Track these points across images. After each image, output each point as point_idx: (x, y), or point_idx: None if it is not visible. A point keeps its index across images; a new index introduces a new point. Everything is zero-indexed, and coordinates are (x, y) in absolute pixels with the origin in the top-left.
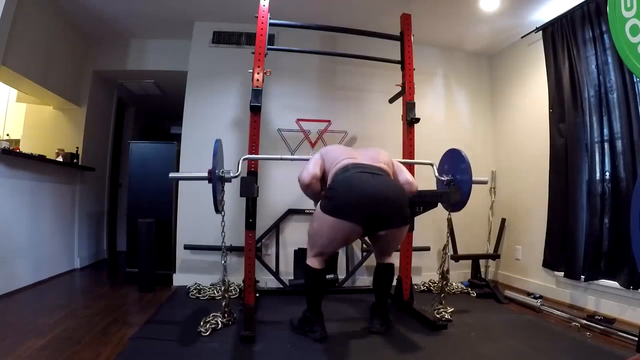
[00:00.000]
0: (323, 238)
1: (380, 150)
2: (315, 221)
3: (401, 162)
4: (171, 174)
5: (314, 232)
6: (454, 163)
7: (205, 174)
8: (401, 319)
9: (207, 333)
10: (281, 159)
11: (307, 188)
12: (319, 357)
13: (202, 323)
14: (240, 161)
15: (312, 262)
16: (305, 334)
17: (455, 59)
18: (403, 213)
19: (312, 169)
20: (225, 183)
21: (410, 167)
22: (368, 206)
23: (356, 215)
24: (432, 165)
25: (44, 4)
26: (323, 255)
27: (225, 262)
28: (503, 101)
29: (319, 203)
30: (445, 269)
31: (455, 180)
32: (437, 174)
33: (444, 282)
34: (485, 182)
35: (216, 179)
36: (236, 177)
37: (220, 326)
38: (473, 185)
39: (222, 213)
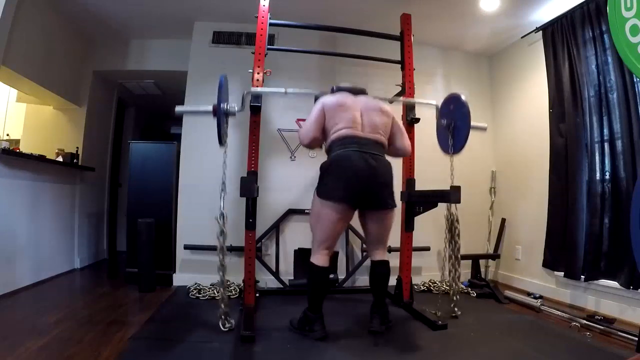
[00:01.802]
0: (324, 222)
1: (381, 110)
2: (315, 207)
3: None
4: (177, 108)
5: (315, 218)
6: (455, 108)
7: (210, 108)
8: (401, 319)
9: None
10: (285, 92)
11: (307, 146)
12: (319, 357)
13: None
14: (244, 95)
15: (317, 259)
16: (306, 334)
17: (455, 59)
18: (389, 198)
19: (312, 132)
20: (226, 184)
21: (411, 164)
22: (357, 192)
23: (346, 198)
24: (436, 106)
25: (43, 4)
26: (328, 246)
27: (222, 235)
28: (503, 101)
29: (315, 189)
30: (453, 270)
31: (455, 124)
32: (438, 118)
33: (455, 284)
34: (484, 129)
35: (221, 113)
36: (240, 111)
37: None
38: (472, 185)
39: (225, 146)
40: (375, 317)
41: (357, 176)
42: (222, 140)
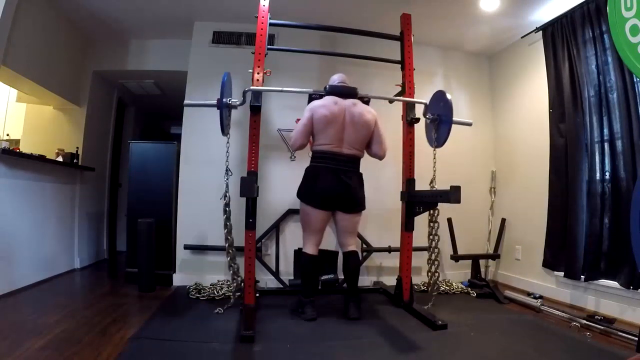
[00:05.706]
0: (307, 218)
1: (364, 122)
2: (300, 205)
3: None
4: (186, 101)
5: (301, 216)
6: (439, 103)
7: (214, 102)
8: (401, 319)
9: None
10: (282, 90)
11: (296, 150)
12: (319, 357)
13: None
14: (245, 92)
15: (307, 248)
16: (298, 315)
17: (455, 59)
18: (357, 206)
19: (301, 139)
20: (228, 181)
21: (411, 164)
22: (328, 203)
23: (319, 205)
24: (425, 104)
25: (43, 4)
26: (315, 240)
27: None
28: (503, 101)
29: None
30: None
31: (440, 118)
32: (424, 114)
33: (435, 279)
34: (469, 124)
35: (224, 106)
36: (242, 104)
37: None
38: (472, 185)
39: (228, 136)
40: (351, 305)
41: (330, 192)
42: (224, 130)
